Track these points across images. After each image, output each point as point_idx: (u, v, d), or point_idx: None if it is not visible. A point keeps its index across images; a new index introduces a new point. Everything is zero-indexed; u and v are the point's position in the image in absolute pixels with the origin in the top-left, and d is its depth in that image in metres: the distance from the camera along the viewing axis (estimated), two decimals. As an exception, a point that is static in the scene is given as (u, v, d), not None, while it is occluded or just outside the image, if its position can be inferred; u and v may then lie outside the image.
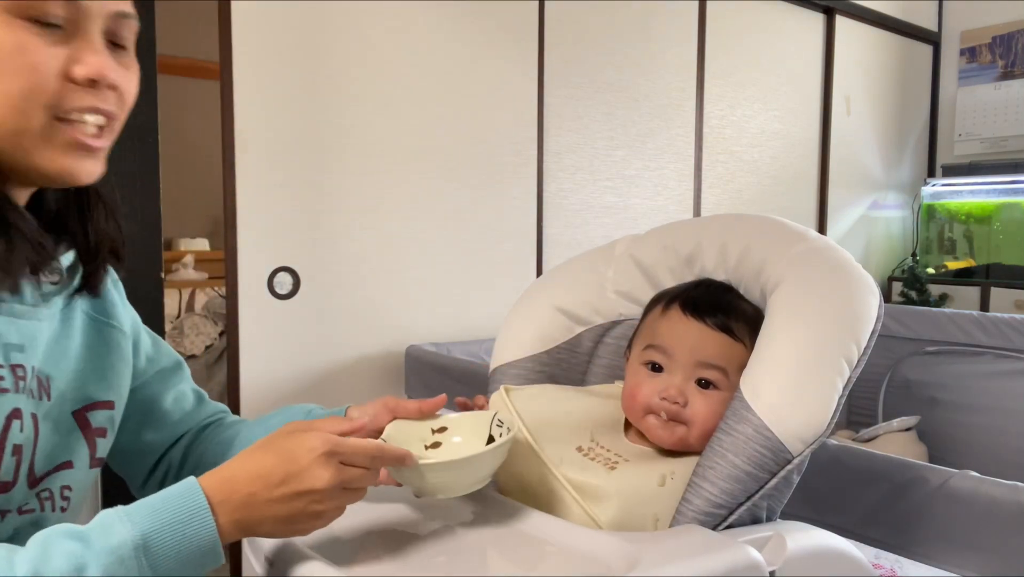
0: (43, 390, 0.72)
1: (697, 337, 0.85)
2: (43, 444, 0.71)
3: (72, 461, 0.75)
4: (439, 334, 2.00)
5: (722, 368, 0.84)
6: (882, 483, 1.06)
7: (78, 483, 0.76)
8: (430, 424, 0.83)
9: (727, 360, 0.84)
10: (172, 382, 0.90)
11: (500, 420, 0.81)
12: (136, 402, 0.85)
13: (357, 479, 0.65)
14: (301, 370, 1.79)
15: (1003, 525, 0.94)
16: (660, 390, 0.84)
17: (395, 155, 1.90)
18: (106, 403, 0.78)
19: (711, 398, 0.83)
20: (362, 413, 0.84)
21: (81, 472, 0.76)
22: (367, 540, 0.73)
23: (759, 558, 0.69)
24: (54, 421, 0.73)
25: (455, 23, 1.99)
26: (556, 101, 2.23)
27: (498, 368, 1.03)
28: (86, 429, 0.76)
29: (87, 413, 0.76)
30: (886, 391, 2.44)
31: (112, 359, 0.80)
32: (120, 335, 0.81)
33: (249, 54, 1.67)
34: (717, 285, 0.93)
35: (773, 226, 0.94)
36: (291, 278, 1.77)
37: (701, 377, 0.84)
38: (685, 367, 0.84)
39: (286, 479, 0.63)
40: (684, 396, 0.83)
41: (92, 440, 0.77)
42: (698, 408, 0.83)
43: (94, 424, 0.77)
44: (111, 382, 0.79)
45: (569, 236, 2.28)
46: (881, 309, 0.84)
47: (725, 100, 2.68)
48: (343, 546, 0.71)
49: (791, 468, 0.76)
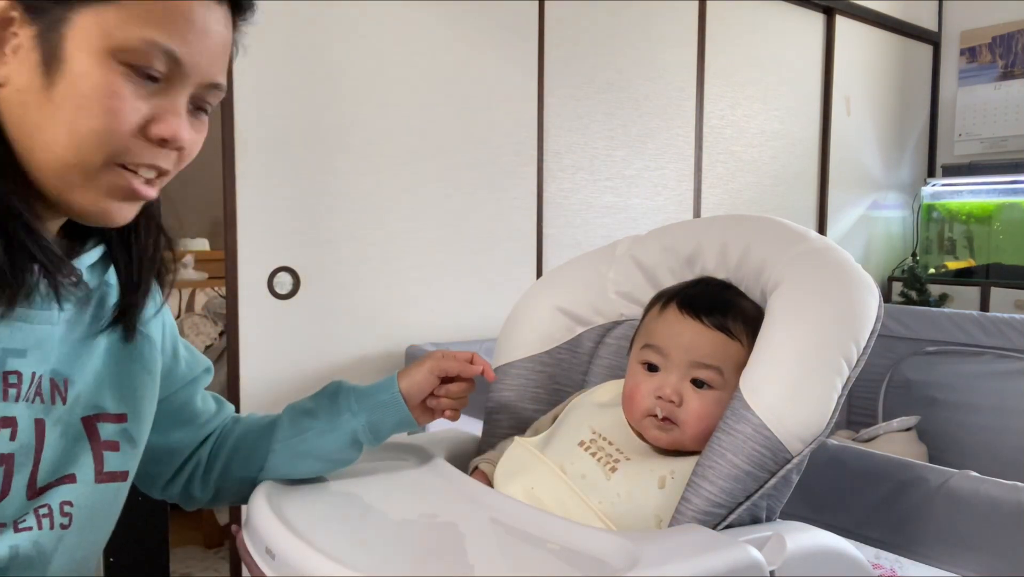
0: (57, 392, 0.70)
1: (692, 336, 0.85)
2: (49, 452, 0.69)
3: (75, 474, 0.71)
4: (439, 334, 2.00)
5: (717, 367, 0.84)
6: (882, 483, 1.06)
7: (82, 499, 0.72)
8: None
9: (723, 359, 0.84)
10: (202, 384, 0.91)
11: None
12: (172, 404, 0.86)
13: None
14: (301, 370, 1.79)
15: (1003, 525, 0.94)
16: (655, 389, 0.84)
17: (395, 155, 1.90)
18: (117, 416, 0.76)
19: (706, 398, 0.83)
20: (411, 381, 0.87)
21: (85, 487, 0.72)
22: (367, 538, 0.73)
23: (759, 557, 0.69)
24: (64, 425, 0.71)
25: (455, 23, 1.99)
26: (556, 101, 2.23)
27: (499, 368, 1.03)
28: (93, 439, 0.73)
29: (96, 423, 0.74)
30: (886, 391, 2.44)
31: (133, 368, 0.78)
32: (146, 343, 0.79)
33: (249, 54, 1.67)
34: (716, 283, 0.93)
35: (773, 227, 0.94)
36: (291, 278, 1.77)
37: (696, 377, 0.84)
38: (680, 366, 0.84)
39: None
40: (679, 395, 0.83)
41: (99, 452, 0.74)
42: (692, 408, 0.83)
43: (102, 436, 0.74)
44: (125, 393, 0.77)
45: (569, 236, 2.28)
46: (881, 309, 0.84)
47: (725, 100, 2.68)
48: (344, 543, 0.71)
49: (790, 468, 0.76)
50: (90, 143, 0.62)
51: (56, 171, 0.63)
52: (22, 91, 0.61)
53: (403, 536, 0.74)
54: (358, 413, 0.85)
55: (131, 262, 0.75)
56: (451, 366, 0.87)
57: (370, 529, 0.75)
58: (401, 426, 0.87)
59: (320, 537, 0.70)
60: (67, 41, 0.60)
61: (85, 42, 0.60)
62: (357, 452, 0.86)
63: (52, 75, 0.61)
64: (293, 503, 0.78)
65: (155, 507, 1.72)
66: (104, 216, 0.67)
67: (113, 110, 0.62)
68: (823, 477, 1.08)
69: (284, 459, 0.85)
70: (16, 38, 0.61)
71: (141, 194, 0.67)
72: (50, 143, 0.62)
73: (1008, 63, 3.31)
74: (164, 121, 0.65)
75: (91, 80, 0.61)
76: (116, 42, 0.61)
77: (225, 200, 1.68)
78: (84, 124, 0.61)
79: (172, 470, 0.89)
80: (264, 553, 0.70)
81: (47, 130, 0.61)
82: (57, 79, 0.61)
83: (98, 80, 0.61)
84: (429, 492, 0.84)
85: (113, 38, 0.61)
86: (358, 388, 0.88)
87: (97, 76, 0.61)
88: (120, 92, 0.62)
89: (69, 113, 0.61)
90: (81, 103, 0.61)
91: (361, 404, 0.85)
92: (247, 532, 0.75)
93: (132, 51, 0.61)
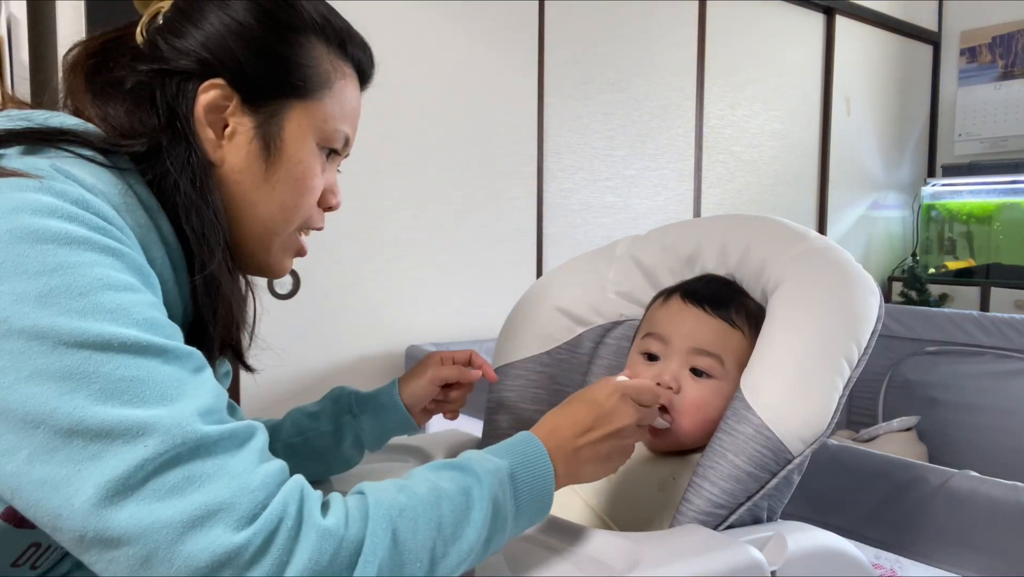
0: None
1: (694, 323, 0.85)
2: None
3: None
4: (439, 334, 2.00)
5: (717, 355, 0.84)
6: (882, 483, 1.06)
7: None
8: None
9: (723, 347, 0.84)
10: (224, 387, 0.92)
11: None
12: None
13: (648, 416, 0.75)
14: (301, 370, 1.79)
15: (1003, 525, 0.94)
16: (654, 377, 0.84)
17: (395, 155, 1.90)
18: None
19: (705, 387, 0.83)
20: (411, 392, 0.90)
21: None
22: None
23: (760, 558, 0.69)
24: None
25: (455, 23, 1.99)
26: (556, 101, 2.23)
27: (499, 368, 1.03)
28: None
29: None
30: (886, 391, 2.44)
31: None
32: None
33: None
34: (719, 279, 0.94)
35: (773, 226, 0.94)
36: (291, 278, 1.76)
37: (695, 365, 0.84)
38: (680, 353, 0.85)
39: (598, 422, 0.71)
40: (677, 382, 0.84)
41: None
42: (690, 396, 0.83)
43: None
44: None
45: (569, 236, 2.28)
46: (881, 309, 0.84)
47: (725, 100, 2.68)
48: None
49: (791, 468, 0.76)
50: (294, 216, 0.72)
51: (260, 238, 0.72)
52: (238, 171, 0.69)
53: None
54: (359, 416, 0.88)
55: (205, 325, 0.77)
56: (450, 374, 0.90)
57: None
58: (402, 429, 0.89)
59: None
60: (285, 132, 0.69)
61: (299, 133, 0.70)
62: (359, 455, 0.88)
63: (271, 161, 0.69)
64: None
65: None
66: (282, 271, 0.79)
67: (315, 189, 0.73)
68: (823, 477, 1.08)
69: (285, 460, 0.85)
70: (231, 124, 0.68)
71: (303, 251, 0.79)
72: (262, 216, 0.71)
73: (1008, 63, 3.31)
74: (333, 192, 0.77)
75: (303, 165, 0.71)
76: (322, 133, 0.72)
77: (225, 200, 1.68)
78: (293, 201, 0.71)
79: None
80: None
81: (260, 205, 0.70)
82: (276, 164, 0.69)
83: (307, 164, 0.71)
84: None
85: (320, 131, 0.71)
86: (360, 393, 0.90)
87: (307, 160, 0.71)
88: (319, 172, 0.73)
89: (282, 192, 0.70)
90: (293, 184, 0.71)
91: (362, 408, 0.88)
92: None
93: (328, 137, 0.72)
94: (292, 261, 0.79)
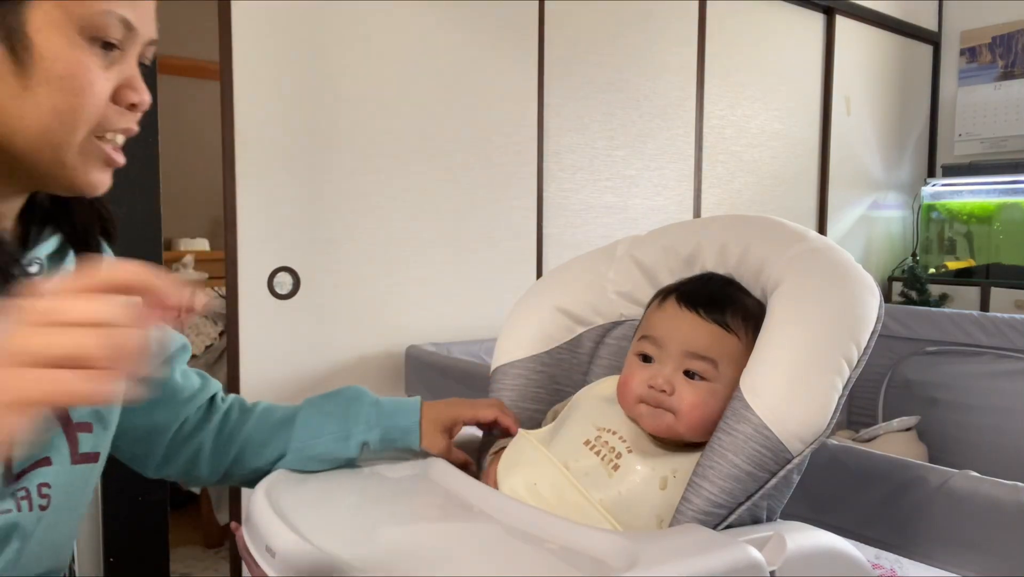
0: None
1: (688, 328, 0.85)
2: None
3: (50, 457, 0.72)
4: (439, 334, 2.00)
5: (711, 359, 0.84)
6: (882, 483, 1.06)
7: (59, 480, 0.73)
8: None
9: (717, 351, 0.84)
10: (179, 361, 0.92)
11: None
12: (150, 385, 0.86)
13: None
14: (301, 370, 1.79)
15: (1003, 525, 0.94)
16: (648, 379, 0.84)
17: (395, 155, 1.90)
18: None
19: (699, 389, 0.83)
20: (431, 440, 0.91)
21: (62, 468, 0.73)
22: (368, 536, 0.73)
23: (759, 557, 0.69)
24: None
25: (455, 23, 1.99)
26: (556, 101, 2.23)
27: (499, 368, 1.03)
28: (66, 421, 0.74)
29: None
30: (886, 391, 2.45)
31: None
32: None
33: (249, 54, 1.67)
34: (719, 278, 0.93)
35: (773, 226, 0.94)
36: (291, 278, 1.77)
37: (688, 368, 0.84)
38: (674, 357, 0.85)
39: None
40: (671, 385, 0.84)
41: (73, 435, 0.75)
42: (684, 397, 0.83)
43: (75, 418, 0.75)
44: None
45: (569, 236, 2.28)
46: (881, 309, 0.84)
47: (725, 100, 2.68)
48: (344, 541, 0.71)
49: (791, 468, 0.76)
50: (73, 120, 0.64)
51: (41, 152, 0.64)
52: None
53: (403, 534, 0.74)
54: (374, 427, 0.89)
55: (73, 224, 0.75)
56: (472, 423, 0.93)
57: (371, 527, 0.75)
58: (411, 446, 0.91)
59: (321, 535, 0.70)
60: (28, 26, 0.61)
61: (47, 23, 0.61)
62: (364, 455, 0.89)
63: (22, 63, 0.61)
64: (294, 501, 0.78)
65: (155, 507, 1.72)
66: (92, 187, 0.69)
67: (92, 85, 0.64)
68: (823, 477, 1.08)
69: (295, 459, 0.89)
70: None
71: (115, 160, 0.69)
72: (34, 127, 0.63)
73: (1008, 63, 3.31)
74: (132, 87, 0.68)
75: (63, 61, 0.62)
76: (78, 18, 0.62)
77: (225, 200, 1.68)
78: (64, 103, 0.63)
79: (162, 449, 0.90)
80: (264, 551, 0.70)
81: (27, 115, 0.62)
82: (28, 66, 0.61)
83: (70, 59, 0.62)
84: (430, 491, 0.84)
85: (74, 15, 0.62)
86: (380, 402, 0.91)
87: (68, 55, 0.62)
88: (91, 66, 0.64)
89: (48, 96, 0.62)
90: (59, 84, 0.62)
91: (380, 421, 0.89)
92: (247, 530, 0.75)
93: (94, 24, 0.63)
94: (106, 174, 0.70)
